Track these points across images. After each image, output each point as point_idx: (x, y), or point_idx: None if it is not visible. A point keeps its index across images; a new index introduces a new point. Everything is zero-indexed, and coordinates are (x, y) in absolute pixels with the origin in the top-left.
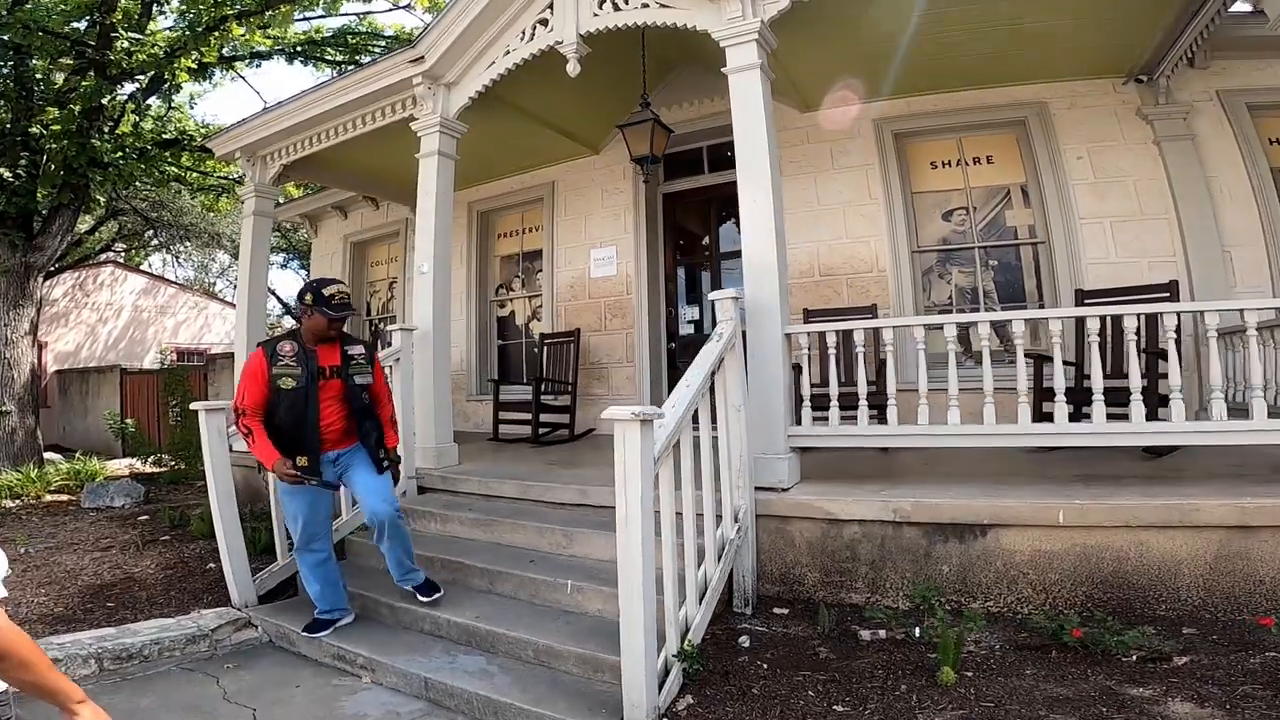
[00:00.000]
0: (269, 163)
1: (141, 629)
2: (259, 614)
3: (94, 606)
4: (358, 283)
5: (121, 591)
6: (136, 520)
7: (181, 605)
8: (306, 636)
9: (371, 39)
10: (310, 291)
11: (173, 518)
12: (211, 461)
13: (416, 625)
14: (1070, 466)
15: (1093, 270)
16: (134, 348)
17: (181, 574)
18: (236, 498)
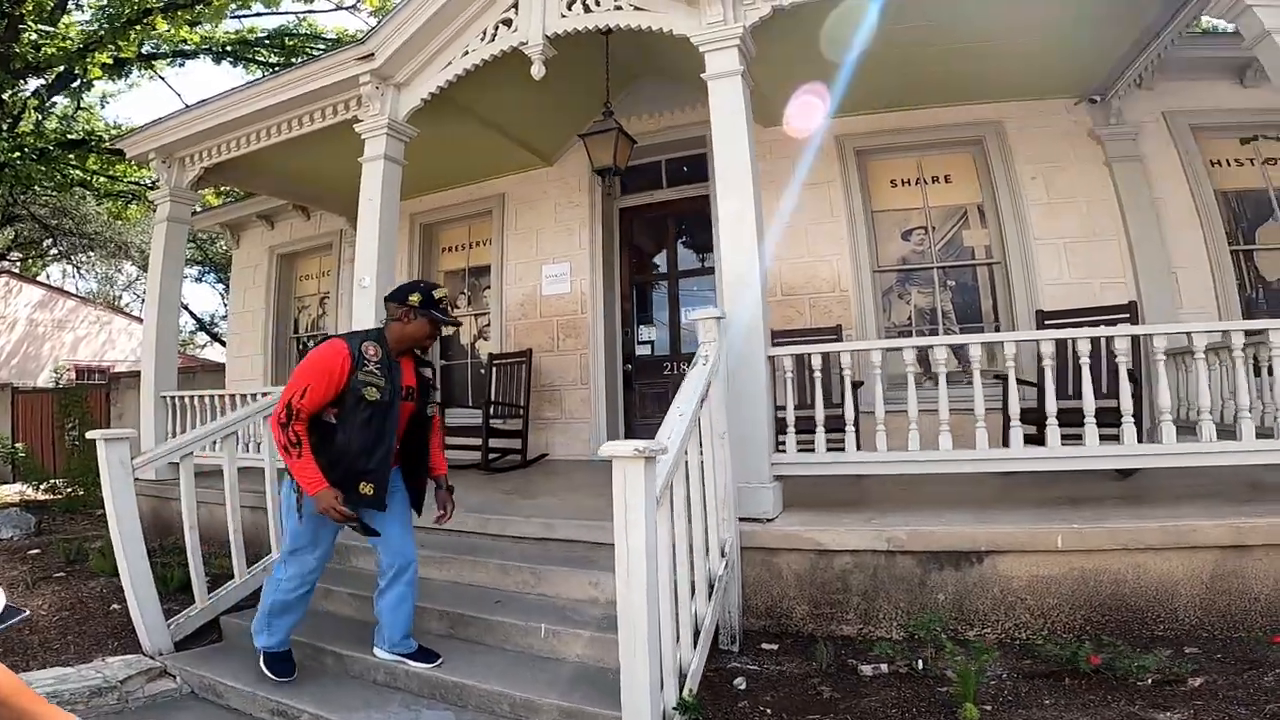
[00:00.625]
0: (188, 165)
1: (35, 679)
2: (177, 662)
3: None
4: (284, 297)
5: (8, 635)
6: (26, 554)
7: (82, 652)
8: (276, 680)
9: (310, 41)
10: (419, 291)
11: (68, 551)
12: (114, 498)
13: (369, 675)
14: (1048, 489)
15: (1048, 291)
16: (28, 364)
17: (80, 616)
18: (143, 532)
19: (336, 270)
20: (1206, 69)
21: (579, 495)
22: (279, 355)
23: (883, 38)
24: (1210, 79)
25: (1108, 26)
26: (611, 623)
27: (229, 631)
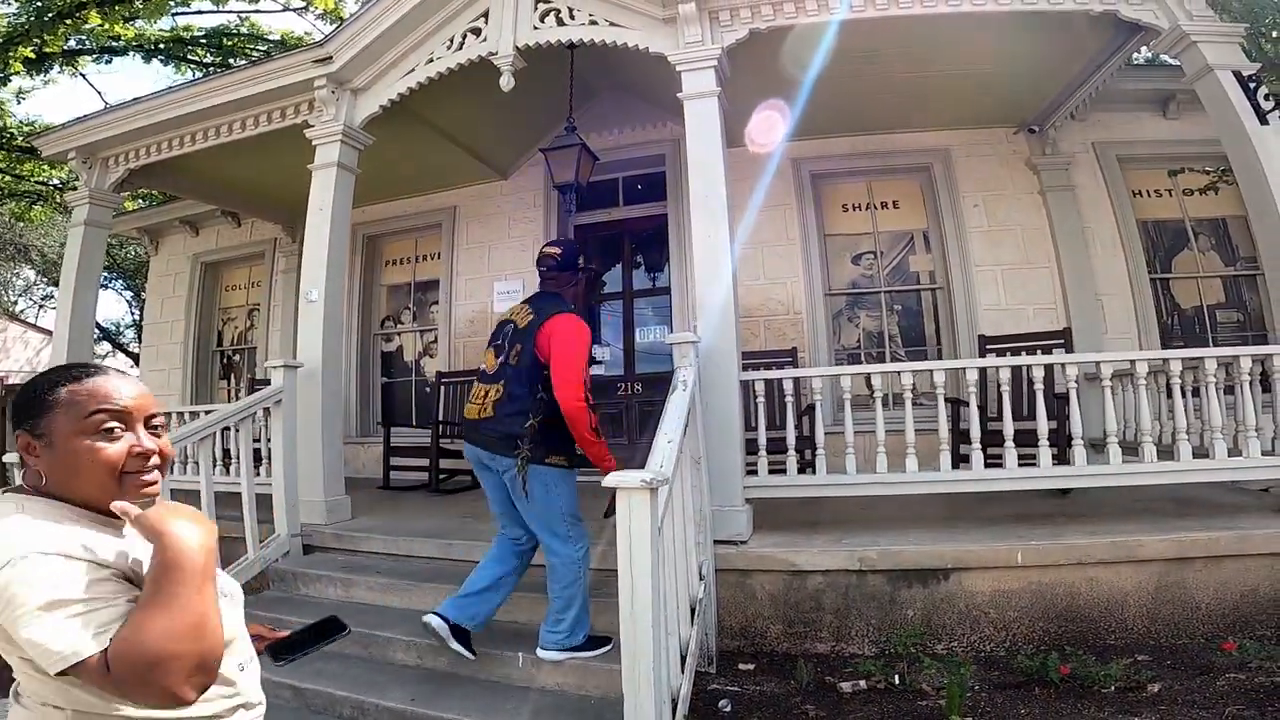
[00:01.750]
0: (111, 166)
1: None
2: None
3: None
4: (207, 309)
5: None
6: None
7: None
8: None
9: (251, 42)
10: (580, 253)
11: None
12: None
13: (333, 710)
14: (997, 507)
15: (987, 316)
16: None
17: None
18: None
19: (269, 281)
20: (1133, 100)
21: None
22: (199, 369)
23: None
24: (1136, 110)
25: (1051, 57)
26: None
27: None
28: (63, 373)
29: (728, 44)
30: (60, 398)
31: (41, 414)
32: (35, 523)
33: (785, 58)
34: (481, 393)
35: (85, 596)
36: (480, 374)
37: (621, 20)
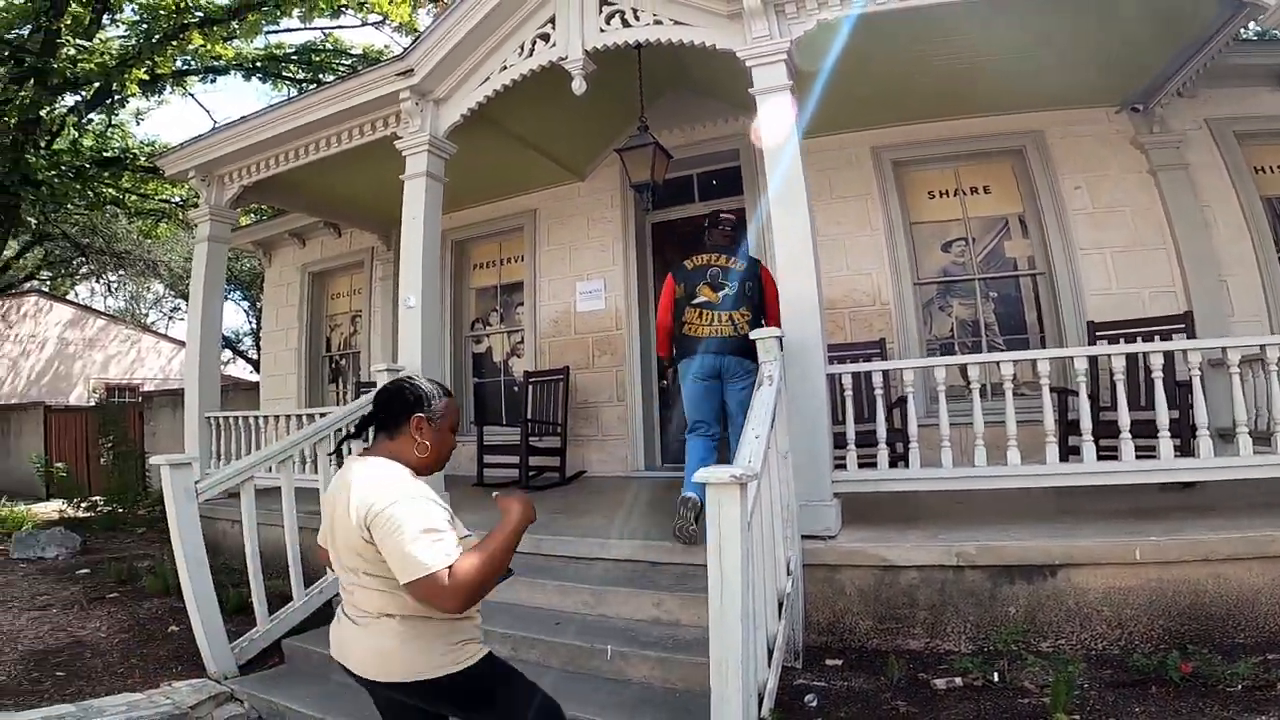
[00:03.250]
0: (227, 184)
1: (107, 706)
2: (243, 686)
3: (41, 676)
4: (316, 316)
5: (71, 658)
6: (75, 574)
7: (146, 675)
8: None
9: (336, 57)
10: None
11: (119, 571)
12: (179, 524)
13: None
14: (1108, 502)
15: (1094, 301)
16: (59, 383)
17: (139, 638)
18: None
19: (368, 288)
20: (1246, 75)
21: (625, 514)
22: (311, 374)
23: (915, 49)
24: (1252, 85)
25: (1151, 36)
26: (678, 643)
27: (291, 654)
28: (441, 389)
29: (796, 36)
30: (446, 404)
31: (436, 410)
32: (403, 474)
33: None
34: (715, 317)
35: (441, 529)
36: (703, 304)
37: (686, 19)
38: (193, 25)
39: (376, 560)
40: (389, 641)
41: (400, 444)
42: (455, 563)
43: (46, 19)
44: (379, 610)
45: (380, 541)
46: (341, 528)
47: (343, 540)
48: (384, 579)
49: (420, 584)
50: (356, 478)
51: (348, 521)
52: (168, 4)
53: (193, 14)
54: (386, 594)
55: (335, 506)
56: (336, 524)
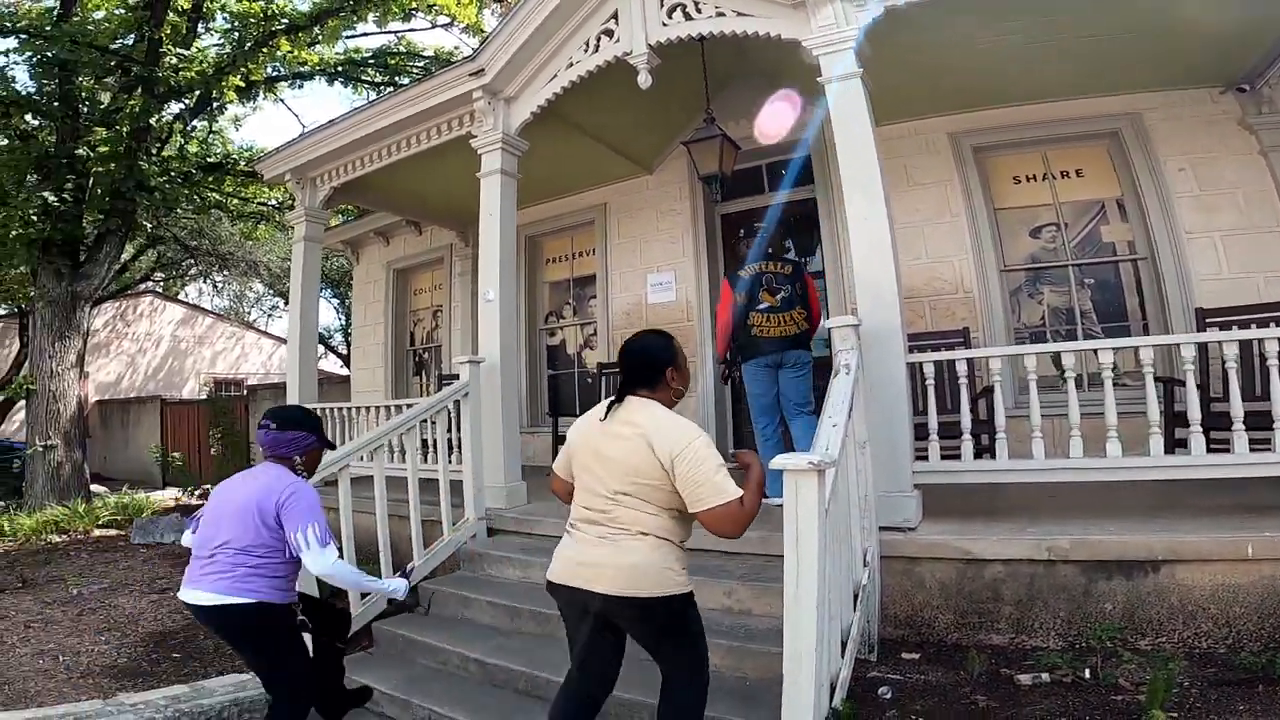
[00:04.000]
0: (319, 185)
1: (217, 687)
2: None
3: (159, 657)
4: (400, 311)
5: (186, 640)
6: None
7: None
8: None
9: (410, 59)
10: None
11: None
12: None
13: (511, 684)
14: (1213, 497)
15: (1204, 287)
16: (172, 378)
17: None
18: None
19: (448, 284)
20: None
21: None
22: (397, 367)
23: (995, 32)
24: None
25: (1261, 14)
26: (750, 633)
27: (380, 638)
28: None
29: (864, 24)
30: (681, 354)
31: (679, 359)
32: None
33: (937, 31)
34: (780, 318)
35: (723, 465)
36: (767, 309)
37: (749, 9)
38: (279, 32)
39: (658, 485)
40: (641, 557)
41: (660, 392)
42: (746, 497)
43: (149, 28)
44: (639, 528)
45: (684, 471)
46: (619, 455)
47: (620, 465)
48: (651, 503)
49: (720, 509)
50: (645, 418)
51: (639, 450)
52: (255, 11)
53: (279, 21)
54: (649, 515)
55: (606, 439)
56: (608, 452)
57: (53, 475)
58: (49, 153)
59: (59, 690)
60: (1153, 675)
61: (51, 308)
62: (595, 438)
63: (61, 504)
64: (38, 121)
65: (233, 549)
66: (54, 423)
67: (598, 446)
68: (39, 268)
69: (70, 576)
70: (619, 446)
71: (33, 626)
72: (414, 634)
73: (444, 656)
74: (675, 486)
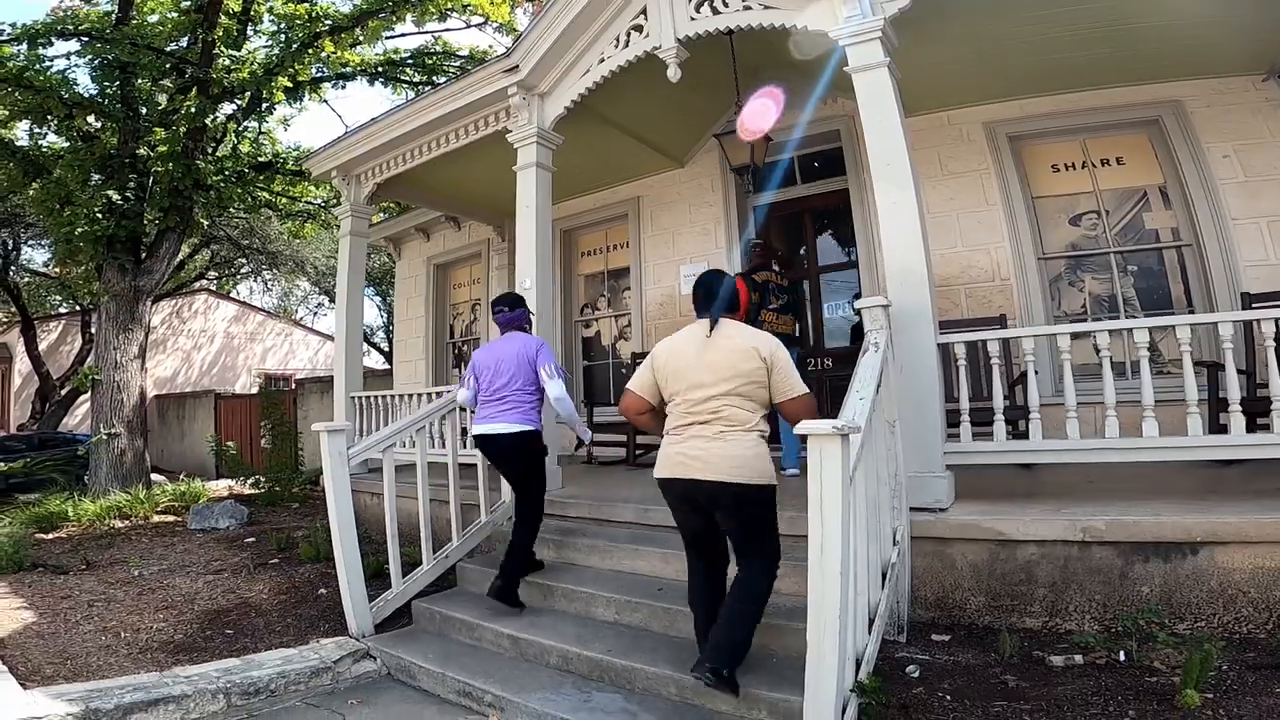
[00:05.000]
0: (363, 181)
1: (265, 660)
2: (377, 644)
3: (213, 633)
4: (440, 305)
5: (238, 617)
6: (243, 542)
7: (299, 633)
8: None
9: (446, 59)
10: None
11: (280, 541)
12: (333, 486)
13: (542, 659)
14: (1255, 481)
15: (1251, 273)
16: (225, 373)
17: (294, 600)
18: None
19: (486, 278)
20: None
21: None
22: (437, 359)
23: (1036, 21)
24: None
25: None
26: (777, 610)
27: (418, 615)
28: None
29: (890, 14)
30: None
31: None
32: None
33: (970, 19)
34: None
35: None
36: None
37: (775, 2)
38: (324, 33)
39: (760, 383)
40: (749, 449)
41: (738, 315)
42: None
43: (202, 31)
44: (745, 425)
45: (777, 369)
46: (728, 361)
47: (730, 369)
48: (753, 400)
49: (802, 399)
50: (741, 331)
51: (746, 354)
52: (301, 13)
53: (323, 22)
54: (750, 414)
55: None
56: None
57: (116, 463)
58: (111, 153)
59: (119, 664)
60: (1188, 656)
61: (116, 301)
62: (699, 352)
63: (124, 490)
64: (100, 123)
65: (516, 388)
66: (118, 412)
67: (705, 357)
68: (104, 263)
69: (131, 559)
70: (727, 354)
71: (95, 605)
72: (450, 611)
73: (479, 633)
74: (770, 381)
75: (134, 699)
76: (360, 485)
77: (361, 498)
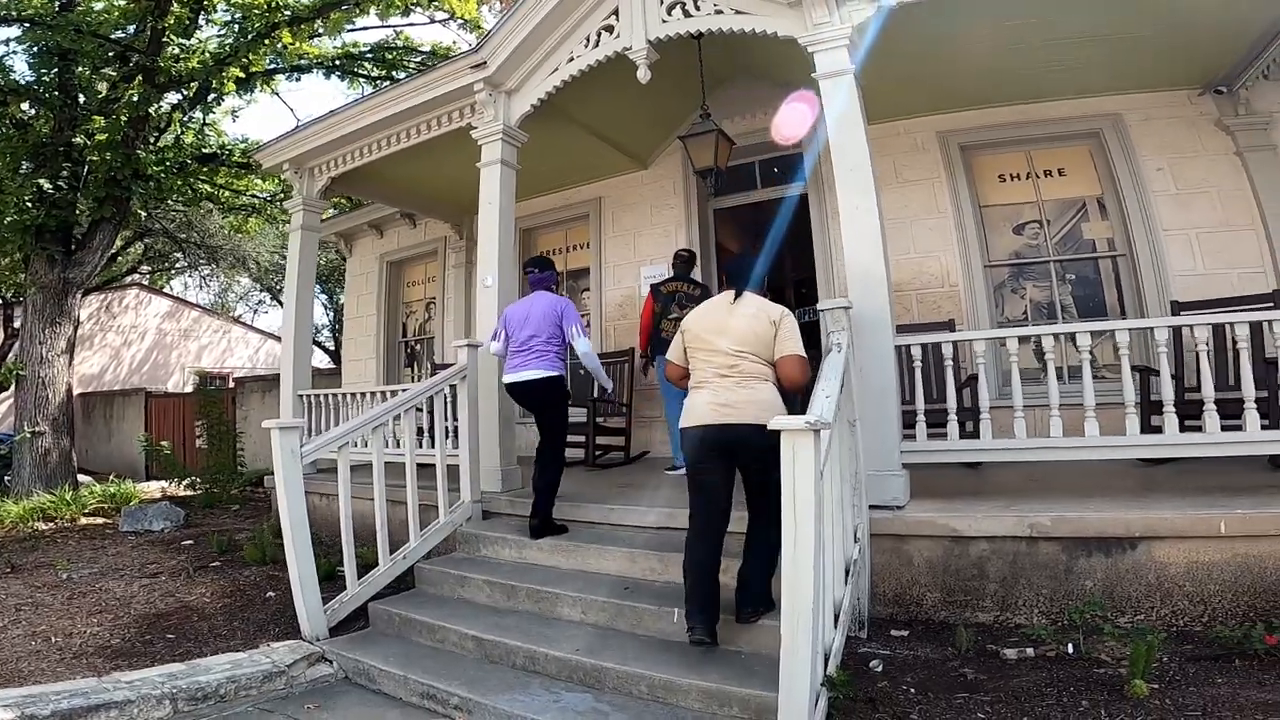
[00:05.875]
0: (317, 175)
1: (213, 665)
2: (332, 648)
3: (153, 638)
4: (393, 303)
5: (180, 621)
6: (180, 545)
7: (247, 637)
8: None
9: (407, 54)
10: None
11: (221, 543)
12: (285, 486)
13: (508, 660)
14: (1190, 479)
15: (1180, 282)
16: (157, 371)
17: (240, 603)
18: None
19: (442, 276)
20: None
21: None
22: (389, 358)
23: (982, 34)
24: None
25: (1239, 19)
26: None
27: (375, 617)
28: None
29: (857, 22)
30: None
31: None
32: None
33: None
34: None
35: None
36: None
37: (747, 7)
38: (283, 23)
39: (769, 343)
40: (767, 395)
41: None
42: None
43: (153, 18)
44: (762, 377)
45: (782, 330)
46: (746, 325)
47: (747, 332)
48: (763, 358)
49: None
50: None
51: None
52: (260, 2)
53: (282, 12)
54: (764, 367)
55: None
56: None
57: (40, 462)
58: (44, 140)
59: (52, 670)
60: (1134, 647)
61: (43, 294)
62: (721, 319)
63: (48, 491)
64: (34, 110)
65: (541, 340)
66: (42, 409)
67: (725, 323)
68: (32, 254)
69: (59, 562)
70: (749, 320)
71: (23, 609)
72: (410, 612)
73: (441, 634)
74: (775, 339)
75: (73, 705)
76: (310, 486)
77: (311, 499)
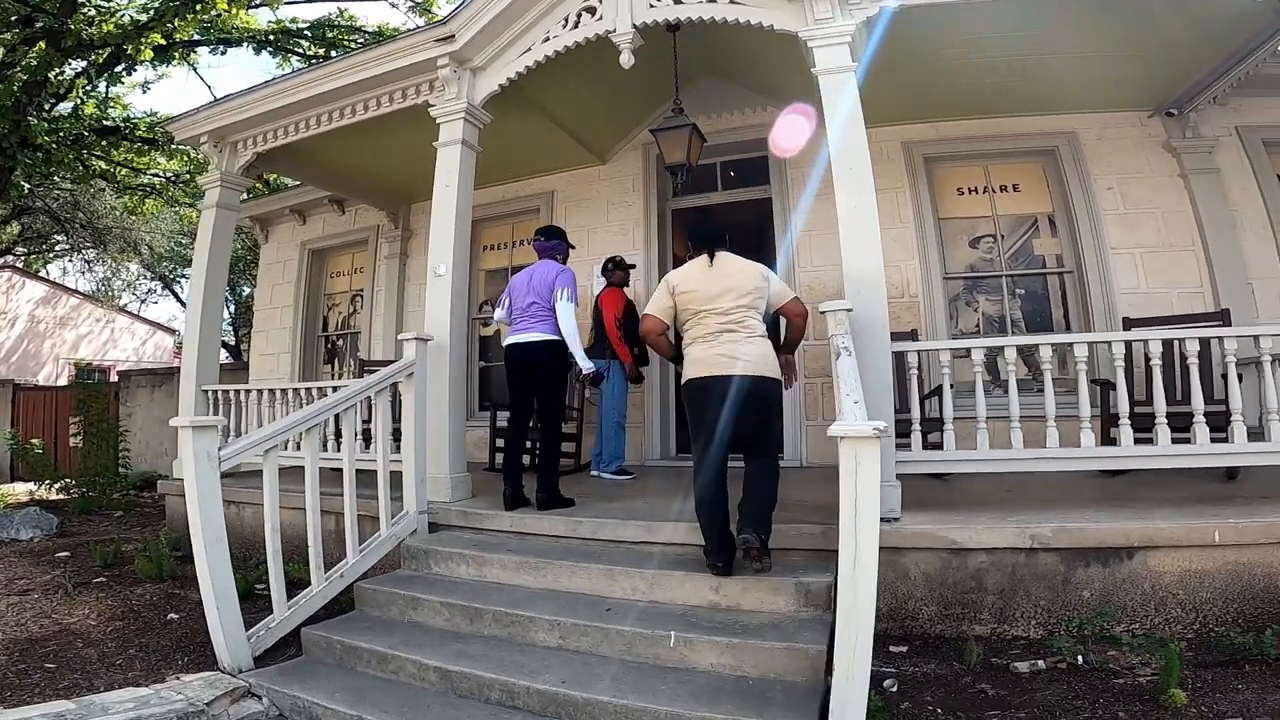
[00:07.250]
0: (240, 150)
1: (112, 703)
2: (260, 680)
3: (29, 668)
4: (314, 294)
5: (60, 648)
6: (54, 557)
7: (149, 668)
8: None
9: (350, 33)
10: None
11: (105, 556)
12: (199, 494)
13: (480, 694)
14: (1159, 491)
15: (1125, 300)
16: (27, 361)
17: (135, 627)
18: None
19: (372, 267)
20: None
21: (659, 498)
22: (306, 354)
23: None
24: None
25: (1194, 46)
26: (745, 629)
27: (310, 645)
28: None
29: (859, 20)
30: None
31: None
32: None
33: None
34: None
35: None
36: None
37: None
38: None
39: (763, 295)
40: (768, 350)
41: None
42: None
43: None
44: (761, 332)
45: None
46: (738, 281)
47: (741, 287)
48: (758, 311)
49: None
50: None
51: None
52: None
53: None
54: (760, 322)
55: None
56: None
57: None
58: None
59: None
60: (1168, 659)
61: None
62: (712, 278)
63: None
64: None
65: (542, 306)
66: None
67: (725, 279)
68: None
69: None
70: (735, 276)
71: None
72: (354, 639)
73: (396, 664)
74: (770, 292)
75: None
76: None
77: (227, 508)
